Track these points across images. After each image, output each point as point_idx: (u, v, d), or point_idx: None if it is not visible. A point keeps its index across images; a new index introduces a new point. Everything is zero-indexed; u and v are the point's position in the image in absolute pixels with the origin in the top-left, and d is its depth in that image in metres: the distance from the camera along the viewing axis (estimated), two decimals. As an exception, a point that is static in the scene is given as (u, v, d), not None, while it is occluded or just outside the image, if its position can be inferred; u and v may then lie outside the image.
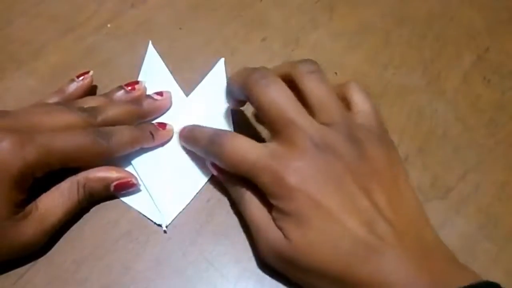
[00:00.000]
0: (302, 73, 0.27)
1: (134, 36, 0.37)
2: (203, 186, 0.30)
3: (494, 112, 0.35)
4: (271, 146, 0.26)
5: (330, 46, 0.37)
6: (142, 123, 0.31)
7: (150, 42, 0.36)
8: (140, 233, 0.28)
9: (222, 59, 0.35)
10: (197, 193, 0.30)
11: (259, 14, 0.39)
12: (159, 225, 0.28)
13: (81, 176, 0.28)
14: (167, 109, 0.33)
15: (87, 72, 0.32)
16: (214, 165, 0.29)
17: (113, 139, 0.28)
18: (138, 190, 0.29)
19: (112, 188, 0.28)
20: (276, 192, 0.24)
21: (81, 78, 0.32)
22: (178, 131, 0.31)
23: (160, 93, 0.32)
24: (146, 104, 0.31)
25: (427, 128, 0.34)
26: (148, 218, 0.29)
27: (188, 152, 0.31)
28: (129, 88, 0.32)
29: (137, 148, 0.30)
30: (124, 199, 0.29)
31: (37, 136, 0.25)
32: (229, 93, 0.30)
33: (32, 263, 0.27)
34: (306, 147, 0.24)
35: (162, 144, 0.31)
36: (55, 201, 0.27)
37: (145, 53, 0.35)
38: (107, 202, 0.29)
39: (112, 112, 0.30)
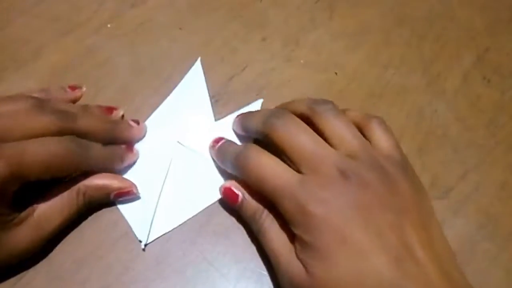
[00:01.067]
0: (318, 112, 0.27)
1: (134, 36, 0.37)
2: (193, 216, 0.29)
3: (494, 112, 0.35)
4: (298, 174, 0.25)
5: (330, 46, 0.37)
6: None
7: (200, 59, 0.35)
8: (140, 233, 0.28)
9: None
10: (185, 221, 0.29)
11: (259, 14, 0.39)
12: (140, 241, 0.28)
13: (82, 184, 0.27)
14: (138, 140, 0.31)
15: (81, 87, 0.32)
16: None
17: (90, 151, 0.27)
18: (138, 198, 0.29)
19: (112, 196, 0.28)
20: (299, 221, 0.23)
21: (72, 90, 0.31)
22: (210, 146, 0.31)
23: (136, 121, 0.31)
24: (121, 127, 0.30)
25: (427, 128, 0.34)
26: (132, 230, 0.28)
27: (189, 179, 0.30)
28: (107, 110, 0.31)
29: (105, 168, 0.28)
30: (119, 205, 0.29)
31: (5, 148, 0.23)
32: (244, 130, 0.30)
33: (32, 263, 0.27)
34: (332, 175, 0.23)
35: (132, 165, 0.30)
36: (53, 207, 0.26)
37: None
38: (107, 203, 0.29)
39: (87, 121, 0.28)
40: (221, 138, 0.30)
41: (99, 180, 0.27)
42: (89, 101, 0.33)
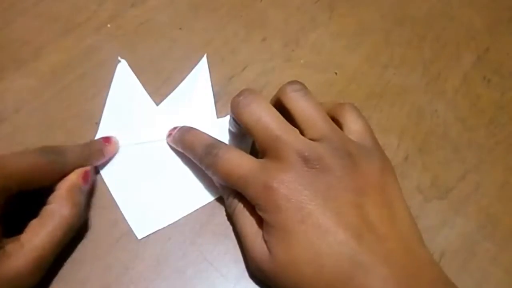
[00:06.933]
0: (287, 93, 0.27)
1: (134, 36, 0.37)
2: (190, 213, 0.29)
3: (494, 112, 0.35)
4: (261, 160, 0.25)
5: (330, 46, 0.37)
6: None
7: (206, 55, 0.35)
8: (140, 233, 0.28)
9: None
10: (184, 221, 0.29)
11: (259, 14, 0.39)
12: (136, 236, 0.28)
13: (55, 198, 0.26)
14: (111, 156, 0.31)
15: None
16: None
17: (67, 155, 0.27)
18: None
19: (83, 184, 0.27)
20: (263, 204, 0.24)
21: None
22: (167, 135, 0.31)
23: (107, 140, 0.30)
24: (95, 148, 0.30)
25: (427, 128, 0.34)
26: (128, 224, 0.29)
27: (189, 175, 0.30)
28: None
29: (88, 165, 0.28)
30: (117, 200, 0.29)
31: None
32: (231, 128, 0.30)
33: (32, 263, 0.27)
34: (294, 161, 0.24)
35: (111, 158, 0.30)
36: (39, 232, 0.25)
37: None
38: (107, 202, 0.29)
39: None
40: (176, 127, 0.30)
41: (63, 189, 0.26)
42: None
